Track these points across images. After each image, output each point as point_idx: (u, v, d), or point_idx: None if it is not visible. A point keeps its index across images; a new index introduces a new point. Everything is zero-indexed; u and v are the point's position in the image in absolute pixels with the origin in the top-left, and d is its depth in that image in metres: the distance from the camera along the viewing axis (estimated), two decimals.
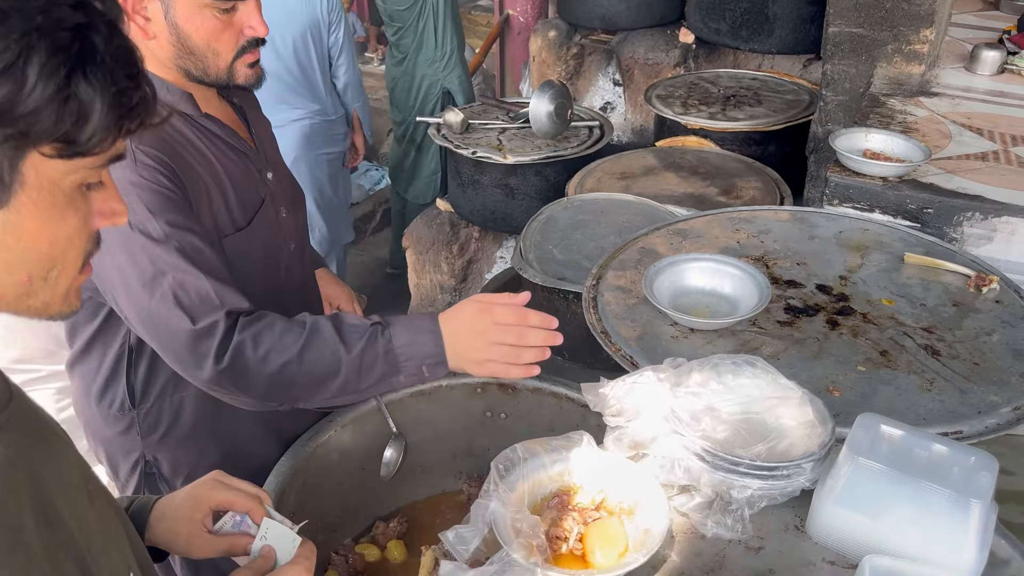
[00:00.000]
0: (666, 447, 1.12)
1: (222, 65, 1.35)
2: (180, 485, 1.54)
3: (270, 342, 1.25)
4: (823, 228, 1.83)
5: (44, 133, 0.60)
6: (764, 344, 1.47)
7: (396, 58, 4.04)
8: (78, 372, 1.55)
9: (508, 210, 2.90)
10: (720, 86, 3.09)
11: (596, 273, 1.69)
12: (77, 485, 0.77)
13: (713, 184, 2.48)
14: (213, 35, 1.31)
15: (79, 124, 0.61)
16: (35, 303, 0.68)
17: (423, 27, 3.90)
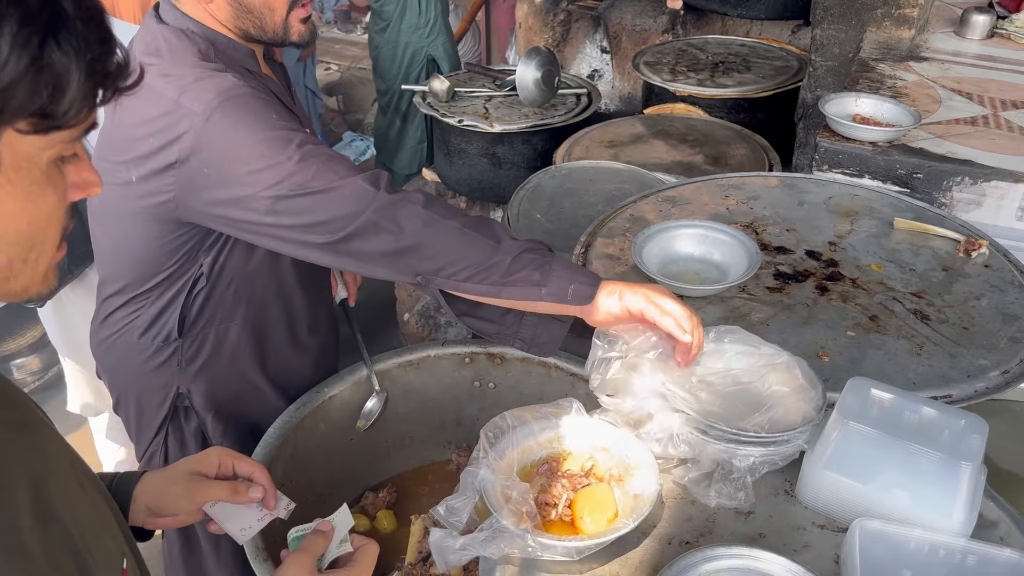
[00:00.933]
0: (663, 422, 1.12)
1: (278, 20, 1.39)
2: (210, 419, 1.62)
3: (440, 205, 1.29)
4: (812, 194, 1.82)
5: (19, 109, 0.56)
6: (753, 310, 1.46)
7: (379, 25, 3.98)
8: (120, 313, 1.54)
9: (495, 179, 2.88)
10: (708, 52, 3.05)
11: (585, 241, 1.67)
12: (67, 473, 0.74)
13: (702, 151, 2.46)
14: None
15: (56, 96, 0.57)
16: (14, 287, 0.65)
17: None
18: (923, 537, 1.01)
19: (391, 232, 1.24)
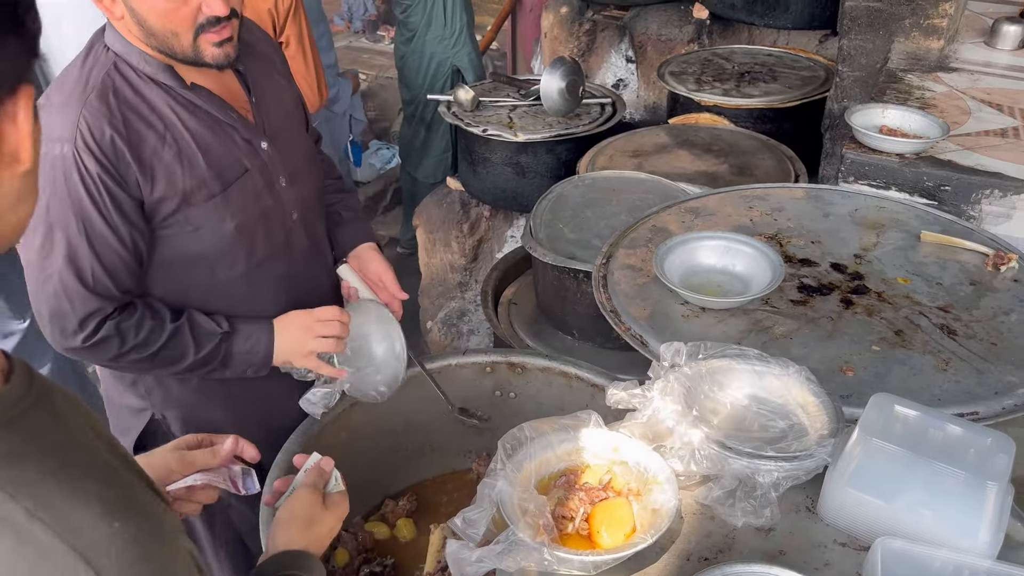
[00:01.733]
0: (683, 438, 1.11)
1: (185, 44, 1.35)
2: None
3: (133, 340, 1.43)
4: (838, 206, 1.80)
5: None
6: (776, 323, 1.44)
7: (405, 36, 4.00)
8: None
9: (519, 188, 2.88)
10: (734, 62, 3.04)
11: (606, 252, 1.67)
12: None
13: (726, 162, 2.45)
14: (167, 16, 1.31)
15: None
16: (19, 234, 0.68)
17: (432, 4, 3.85)
18: (947, 558, 0.99)
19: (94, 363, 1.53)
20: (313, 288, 1.69)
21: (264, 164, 1.51)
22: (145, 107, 1.38)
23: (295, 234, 1.60)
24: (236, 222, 1.47)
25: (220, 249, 1.48)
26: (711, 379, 1.21)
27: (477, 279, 3.24)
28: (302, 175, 1.60)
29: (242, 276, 1.53)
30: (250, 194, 1.48)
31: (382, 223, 5.00)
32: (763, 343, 1.39)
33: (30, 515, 0.56)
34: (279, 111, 1.59)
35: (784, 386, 1.23)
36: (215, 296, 1.54)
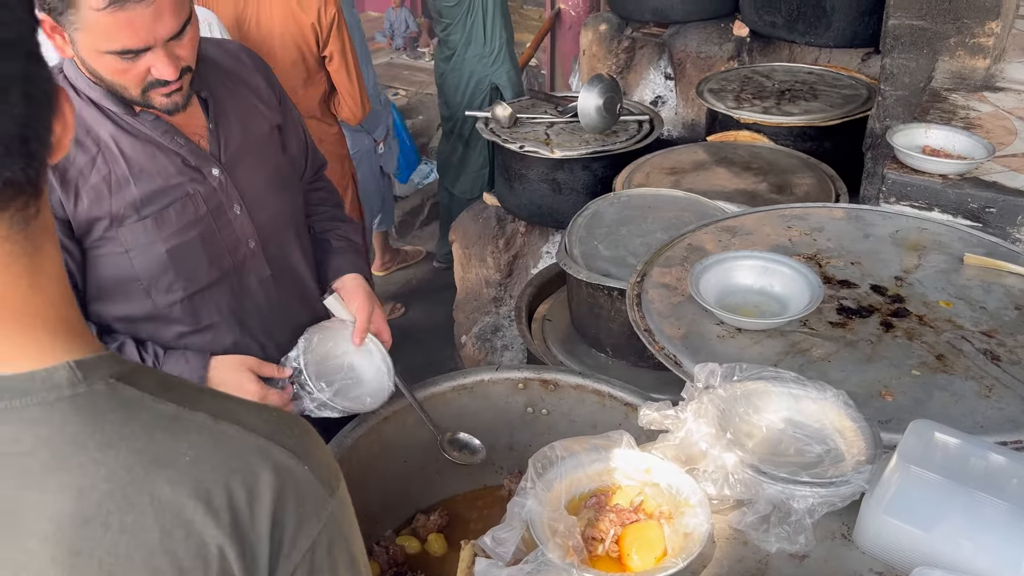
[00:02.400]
0: (717, 461, 1.10)
1: (133, 95, 1.38)
2: None
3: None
4: (879, 227, 1.77)
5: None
6: (814, 346, 1.42)
7: (445, 54, 4.04)
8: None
9: (555, 205, 2.88)
10: (775, 80, 3.02)
11: (641, 270, 1.66)
12: None
13: (766, 180, 2.43)
14: (117, 74, 1.34)
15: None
16: None
17: (471, 23, 3.88)
18: None
19: None
20: (283, 319, 1.69)
21: (213, 190, 1.51)
22: (80, 129, 1.40)
23: (251, 262, 1.60)
24: (168, 246, 1.47)
25: (153, 272, 1.48)
26: (746, 401, 1.19)
27: (512, 294, 3.25)
28: (264, 202, 1.60)
29: (182, 302, 1.53)
30: (189, 220, 1.48)
31: (418, 237, 5.03)
32: (800, 366, 1.37)
33: (215, 419, 0.66)
34: (244, 137, 1.58)
35: (821, 410, 1.21)
36: (159, 322, 1.55)
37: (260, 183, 1.59)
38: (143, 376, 0.66)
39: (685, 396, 1.21)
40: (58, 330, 0.64)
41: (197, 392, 0.70)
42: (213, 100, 1.52)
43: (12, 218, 0.60)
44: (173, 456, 0.63)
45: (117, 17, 1.25)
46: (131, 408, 0.63)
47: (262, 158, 1.60)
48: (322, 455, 0.72)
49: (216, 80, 1.54)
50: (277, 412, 0.73)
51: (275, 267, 1.65)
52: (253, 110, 1.61)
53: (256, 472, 0.65)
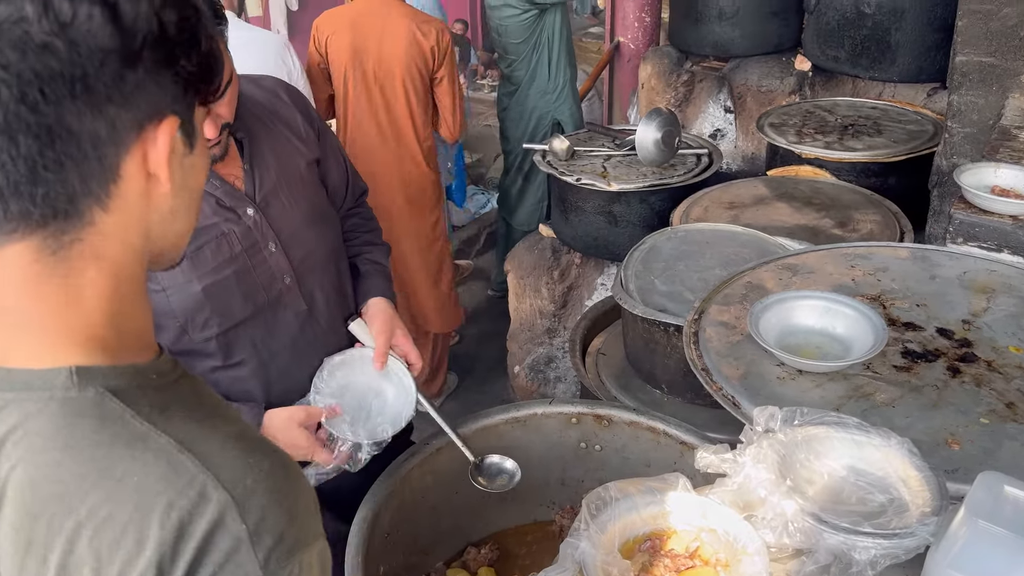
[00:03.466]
0: (776, 508, 1.07)
1: None
2: None
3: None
4: (946, 268, 1.73)
5: (206, 83, 0.72)
6: (878, 390, 1.39)
7: (508, 89, 4.07)
8: None
9: (611, 237, 2.88)
10: (837, 115, 2.98)
11: (698, 307, 1.64)
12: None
13: (828, 216, 2.39)
14: None
15: (218, 71, 0.74)
16: (182, 244, 0.79)
17: (536, 60, 3.91)
18: None
19: None
20: (318, 352, 1.70)
21: (247, 229, 1.54)
22: None
23: (287, 297, 1.62)
24: (203, 284, 1.50)
25: (188, 310, 1.51)
26: (807, 447, 1.16)
27: (566, 326, 3.24)
28: (300, 239, 1.62)
29: (217, 337, 1.56)
30: (224, 258, 1.52)
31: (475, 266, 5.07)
32: (863, 411, 1.34)
33: (179, 446, 0.66)
34: (280, 175, 1.61)
35: (885, 458, 1.17)
36: (194, 355, 1.58)
37: (296, 220, 1.62)
38: (142, 393, 0.69)
39: (743, 440, 1.18)
40: (84, 343, 0.68)
41: (183, 421, 0.69)
42: (249, 140, 1.56)
43: (42, 243, 0.66)
44: (122, 474, 0.64)
45: None
46: (106, 420, 0.66)
47: (298, 195, 1.63)
48: (279, 521, 0.67)
49: (252, 119, 1.58)
50: (260, 459, 0.70)
51: (311, 301, 1.67)
52: (289, 147, 1.64)
53: (194, 513, 0.64)
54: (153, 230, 0.73)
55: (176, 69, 0.68)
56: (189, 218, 0.78)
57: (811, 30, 3.28)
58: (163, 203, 0.72)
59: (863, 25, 3.05)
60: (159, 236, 0.74)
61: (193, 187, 0.76)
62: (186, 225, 0.78)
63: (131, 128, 0.67)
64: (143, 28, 0.64)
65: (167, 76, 0.68)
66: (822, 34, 3.19)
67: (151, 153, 0.68)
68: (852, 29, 3.07)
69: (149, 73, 0.66)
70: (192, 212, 0.78)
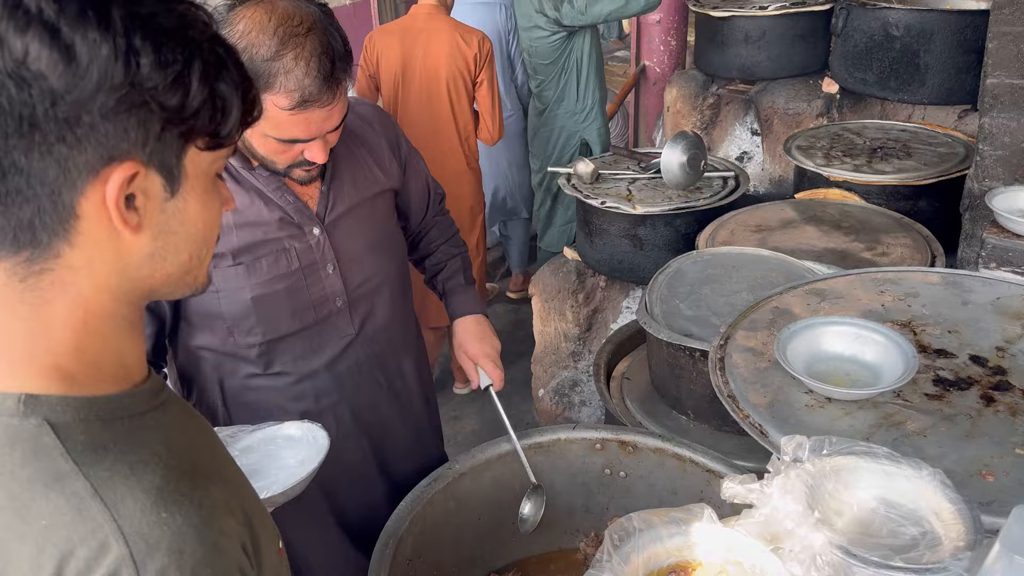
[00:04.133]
0: (804, 540, 1.05)
1: (279, 168, 1.48)
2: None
3: None
4: (978, 293, 1.69)
5: (201, 129, 0.71)
6: (909, 419, 1.36)
7: (537, 108, 4.09)
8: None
9: (636, 260, 2.86)
10: (866, 137, 2.95)
11: (724, 332, 1.62)
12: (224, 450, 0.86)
13: (857, 240, 2.36)
14: (272, 153, 1.43)
15: (223, 119, 0.72)
16: (190, 279, 0.79)
17: (565, 81, 3.92)
18: None
19: None
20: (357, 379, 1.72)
21: (309, 248, 1.56)
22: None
23: (336, 320, 1.63)
24: (254, 294, 1.53)
25: (236, 315, 1.55)
26: (836, 478, 1.14)
27: (590, 349, 3.22)
28: (360, 264, 1.64)
29: (260, 345, 1.59)
30: (280, 272, 1.54)
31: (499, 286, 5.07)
32: (894, 440, 1.31)
33: (93, 492, 0.65)
34: (353, 200, 1.62)
35: (916, 489, 1.14)
36: (237, 358, 1.61)
37: (359, 245, 1.63)
38: (84, 427, 0.68)
39: (771, 469, 1.16)
40: (43, 371, 0.69)
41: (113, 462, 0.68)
42: (332, 162, 1.57)
43: (12, 269, 0.67)
44: (34, 515, 0.64)
45: (297, 116, 1.35)
46: (36, 453, 0.66)
47: (366, 222, 1.64)
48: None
49: (340, 142, 1.58)
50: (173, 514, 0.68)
51: (360, 327, 1.68)
52: (369, 175, 1.66)
53: (91, 563, 0.63)
54: (133, 271, 0.72)
55: (144, 113, 0.66)
56: (180, 260, 0.76)
57: (839, 52, 3.26)
58: (137, 246, 0.71)
59: (891, 48, 3.03)
60: (145, 276, 0.73)
61: (181, 231, 0.74)
62: (181, 267, 0.76)
63: (84, 170, 0.65)
64: (100, 71, 0.63)
65: (130, 119, 0.66)
66: (850, 56, 3.17)
67: (84, 207, 0.67)
68: (880, 52, 3.05)
69: (106, 116, 0.64)
70: (186, 253, 0.76)
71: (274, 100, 1.33)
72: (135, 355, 0.76)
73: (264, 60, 1.30)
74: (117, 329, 0.74)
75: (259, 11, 1.32)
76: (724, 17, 3.46)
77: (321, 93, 1.34)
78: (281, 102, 1.33)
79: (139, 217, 0.70)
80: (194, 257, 0.77)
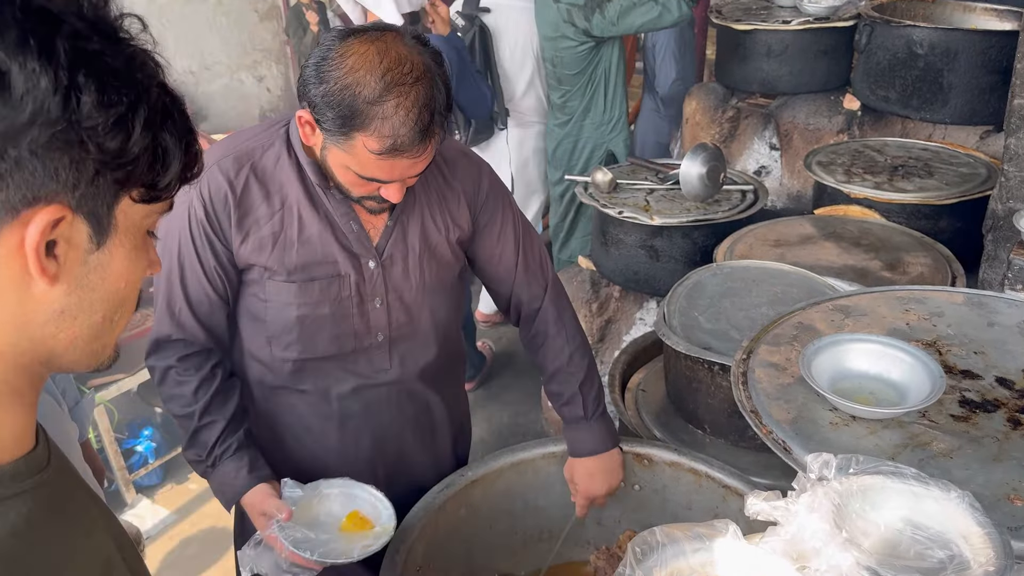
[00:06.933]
0: (831, 560, 1.02)
1: (352, 196, 1.47)
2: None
3: (167, 387, 1.58)
4: (1004, 315, 1.67)
5: (139, 178, 0.66)
6: (935, 439, 1.33)
7: (560, 119, 4.03)
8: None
9: (652, 272, 2.84)
10: (887, 155, 2.93)
11: (747, 347, 1.60)
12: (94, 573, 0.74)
13: (877, 258, 2.33)
14: (350, 184, 1.42)
15: (163, 170, 0.67)
16: (97, 347, 0.72)
17: (592, 92, 3.87)
18: None
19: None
20: (385, 416, 1.69)
21: (362, 279, 1.54)
22: (275, 184, 1.48)
23: (374, 353, 1.61)
24: (299, 312, 1.52)
25: (278, 328, 1.55)
26: (863, 497, 1.11)
27: (603, 360, 3.20)
28: (408, 305, 1.60)
29: (295, 361, 1.58)
30: (330, 296, 1.53)
31: None
32: (920, 460, 1.28)
33: None
34: (416, 241, 1.57)
35: (944, 512, 1.12)
36: (270, 368, 1.61)
37: (412, 287, 1.60)
38: None
39: (796, 487, 1.14)
40: None
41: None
42: (404, 200, 1.50)
43: None
44: None
45: (383, 162, 1.34)
46: None
47: (425, 265, 1.60)
48: None
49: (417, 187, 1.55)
50: None
51: (397, 365, 1.65)
52: (437, 218, 1.60)
53: None
54: (35, 329, 0.65)
55: (79, 153, 0.61)
56: (92, 320, 0.68)
57: (861, 69, 3.24)
58: (48, 299, 0.64)
59: (915, 66, 3.00)
60: (47, 335, 0.66)
61: (100, 288, 0.67)
62: (91, 329, 0.69)
63: (2, 209, 0.60)
64: (35, 104, 0.58)
65: (63, 159, 0.61)
66: (872, 74, 3.15)
67: (27, 240, 0.61)
68: (903, 69, 3.03)
69: (35, 153, 0.59)
70: (100, 314, 0.69)
71: (365, 141, 1.31)
72: (11, 431, 0.67)
73: (365, 101, 1.28)
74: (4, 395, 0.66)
75: (372, 49, 1.29)
76: (746, 30, 3.44)
77: (413, 145, 1.31)
78: (372, 145, 1.30)
79: (57, 267, 0.63)
80: (107, 320, 0.70)
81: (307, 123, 1.37)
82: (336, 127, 1.31)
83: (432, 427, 1.78)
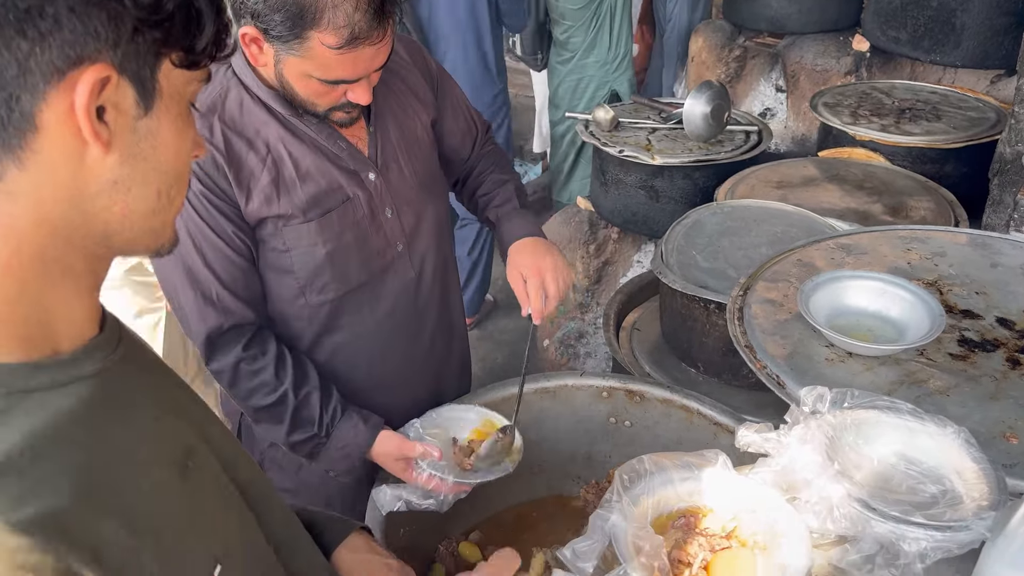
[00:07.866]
0: (821, 491, 1.01)
1: (320, 111, 1.39)
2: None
3: (242, 384, 1.47)
4: (1007, 256, 1.64)
5: (176, 39, 0.64)
6: (932, 377, 1.31)
7: (562, 56, 3.93)
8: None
9: (651, 213, 2.80)
10: (895, 98, 2.86)
11: (744, 283, 1.57)
12: (167, 459, 0.71)
13: (880, 201, 2.29)
14: (315, 95, 1.35)
15: (198, 31, 0.65)
16: (157, 223, 0.70)
17: (597, 27, 3.75)
18: None
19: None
20: (420, 324, 1.68)
21: (370, 195, 1.50)
22: (251, 130, 1.40)
23: (397, 264, 1.58)
24: (328, 248, 1.47)
25: (311, 272, 1.48)
26: (856, 431, 1.10)
27: (599, 301, 3.17)
28: (413, 205, 1.57)
29: (332, 301, 1.53)
30: (348, 222, 1.48)
31: None
32: (916, 397, 1.26)
33: None
34: (399, 139, 1.55)
35: (939, 447, 1.10)
36: (304, 321, 1.55)
37: (411, 186, 1.57)
38: None
39: (789, 420, 1.12)
40: None
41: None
42: (374, 103, 1.48)
43: None
44: None
45: (345, 56, 1.27)
46: None
47: (414, 160, 1.57)
48: None
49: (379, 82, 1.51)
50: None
51: (419, 269, 1.63)
52: (408, 109, 1.58)
53: None
54: (87, 202, 0.63)
55: (115, 8, 0.59)
56: (146, 193, 0.67)
57: (872, 9, 3.15)
58: (101, 168, 0.62)
59: (927, 5, 2.91)
60: (100, 208, 0.64)
61: (152, 158, 0.66)
62: (146, 203, 0.67)
63: (47, 71, 0.58)
64: None
65: (100, 14, 0.59)
66: (883, 13, 3.06)
67: (46, 117, 0.59)
68: (915, 9, 2.94)
69: (73, 9, 0.57)
70: (154, 186, 0.67)
71: (321, 38, 1.24)
72: (68, 316, 0.65)
73: None
74: (45, 276, 0.63)
75: None
76: None
77: (372, 29, 1.25)
78: (329, 40, 1.23)
79: (109, 133, 0.61)
80: (163, 195, 0.68)
81: (253, 40, 1.29)
82: (287, 30, 1.24)
83: (457, 327, 1.80)
